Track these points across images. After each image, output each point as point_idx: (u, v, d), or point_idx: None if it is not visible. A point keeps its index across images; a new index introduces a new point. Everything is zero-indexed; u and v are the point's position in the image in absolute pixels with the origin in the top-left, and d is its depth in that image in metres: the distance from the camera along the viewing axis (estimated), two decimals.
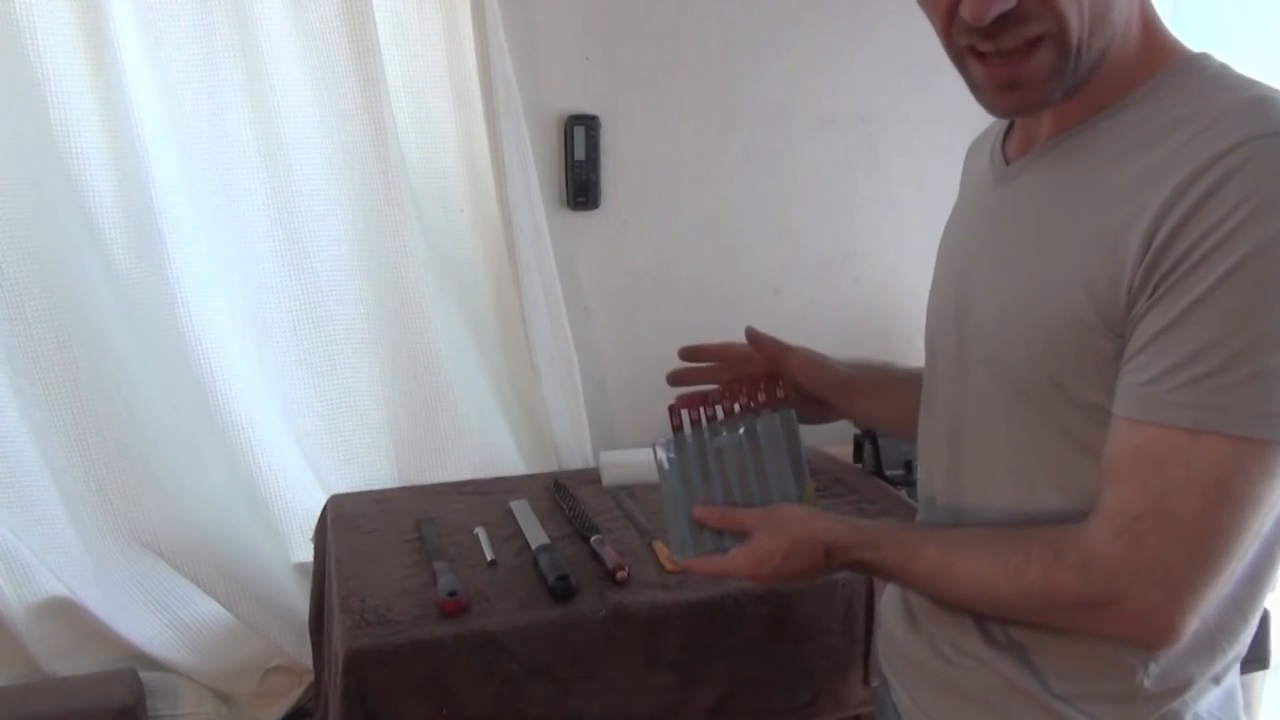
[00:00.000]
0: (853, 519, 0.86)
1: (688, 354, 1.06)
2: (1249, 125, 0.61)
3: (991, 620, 0.78)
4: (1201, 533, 0.63)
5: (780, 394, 0.95)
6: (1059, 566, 0.68)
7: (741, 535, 0.89)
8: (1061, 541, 0.68)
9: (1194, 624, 0.65)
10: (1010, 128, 0.84)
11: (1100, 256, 0.66)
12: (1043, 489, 0.74)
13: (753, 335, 1.03)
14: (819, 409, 1.03)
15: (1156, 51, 0.71)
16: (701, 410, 0.95)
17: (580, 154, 1.77)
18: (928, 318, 0.89)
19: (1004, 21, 0.66)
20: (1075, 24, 0.66)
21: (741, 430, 0.94)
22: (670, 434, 0.95)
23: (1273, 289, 0.59)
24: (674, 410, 0.96)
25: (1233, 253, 0.60)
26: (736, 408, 0.95)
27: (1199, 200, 0.61)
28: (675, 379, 1.05)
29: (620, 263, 1.88)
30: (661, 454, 0.95)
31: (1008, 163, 0.81)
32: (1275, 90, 0.65)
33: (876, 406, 1.03)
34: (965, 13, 0.66)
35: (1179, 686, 0.72)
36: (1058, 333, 0.69)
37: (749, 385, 0.96)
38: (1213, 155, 0.61)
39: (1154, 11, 0.72)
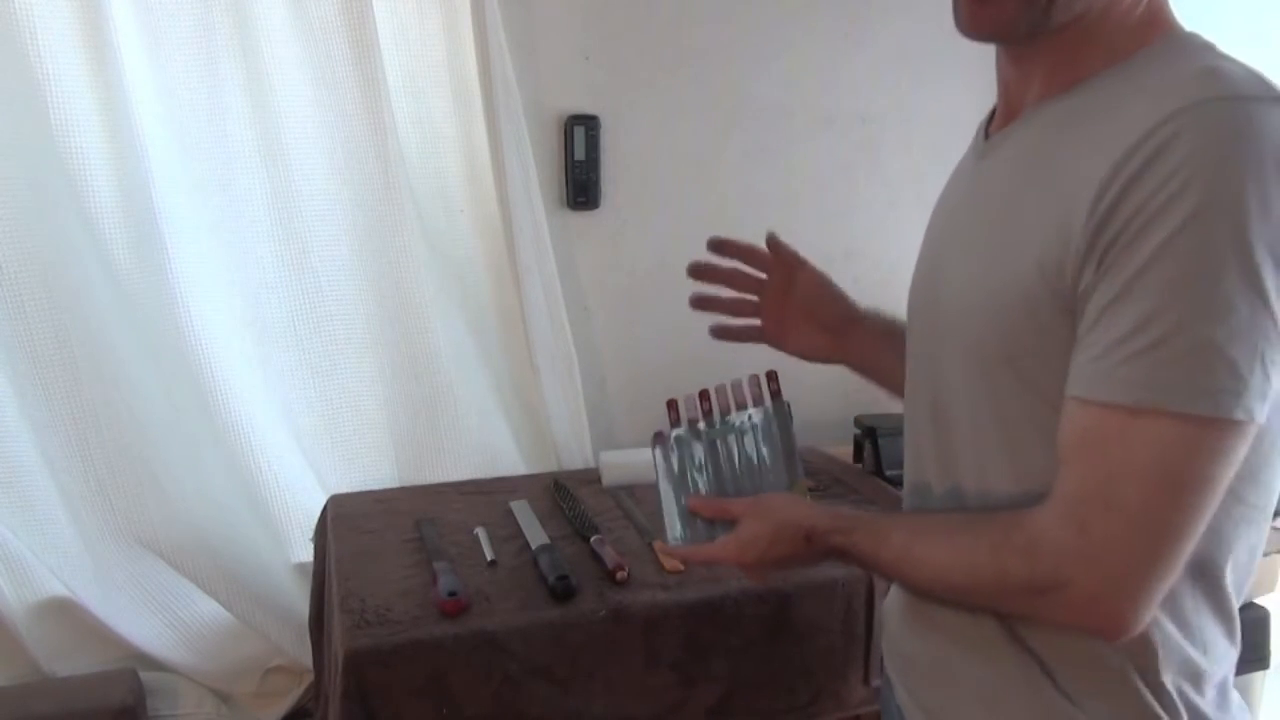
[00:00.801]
0: (835, 506, 0.87)
1: (714, 246, 1.06)
2: (1188, 93, 0.60)
3: (988, 616, 0.78)
4: (1147, 517, 0.61)
5: (774, 388, 0.99)
6: (1007, 550, 0.67)
7: (732, 525, 0.91)
8: (1012, 526, 0.68)
9: (1150, 611, 0.63)
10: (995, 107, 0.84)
11: (1049, 231, 0.66)
12: (999, 470, 0.73)
13: (772, 242, 1.05)
14: (822, 341, 1.05)
15: (1148, 28, 0.70)
16: (698, 404, 0.98)
17: (580, 154, 1.77)
18: (908, 298, 0.89)
19: None
20: None
21: (736, 424, 0.98)
22: (667, 427, 0.98)
23: (1208, 258, 0.58)
24: (671, 404, 0.98)
25: (1168, 222, 0.58)
26: (732, 403, 0.98)
27: (1137, 171, 0.60)
28: (695, 270, 1.07)
29: (620, 263, 1.88)
30: (658, 446, 0.98)
31: (988, 138, 0.81)
32: (1232, 61, 0.64)
33: (881, 350, 1.03)
34: None
35: (1170, 685, 0.71)
36: (1013, 311, 0.69)
37: (745, 380, 0.99)
38: (1153, 124, 0.60)
39: None
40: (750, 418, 0.98)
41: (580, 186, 1.79)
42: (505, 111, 1.64)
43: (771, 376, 0.99)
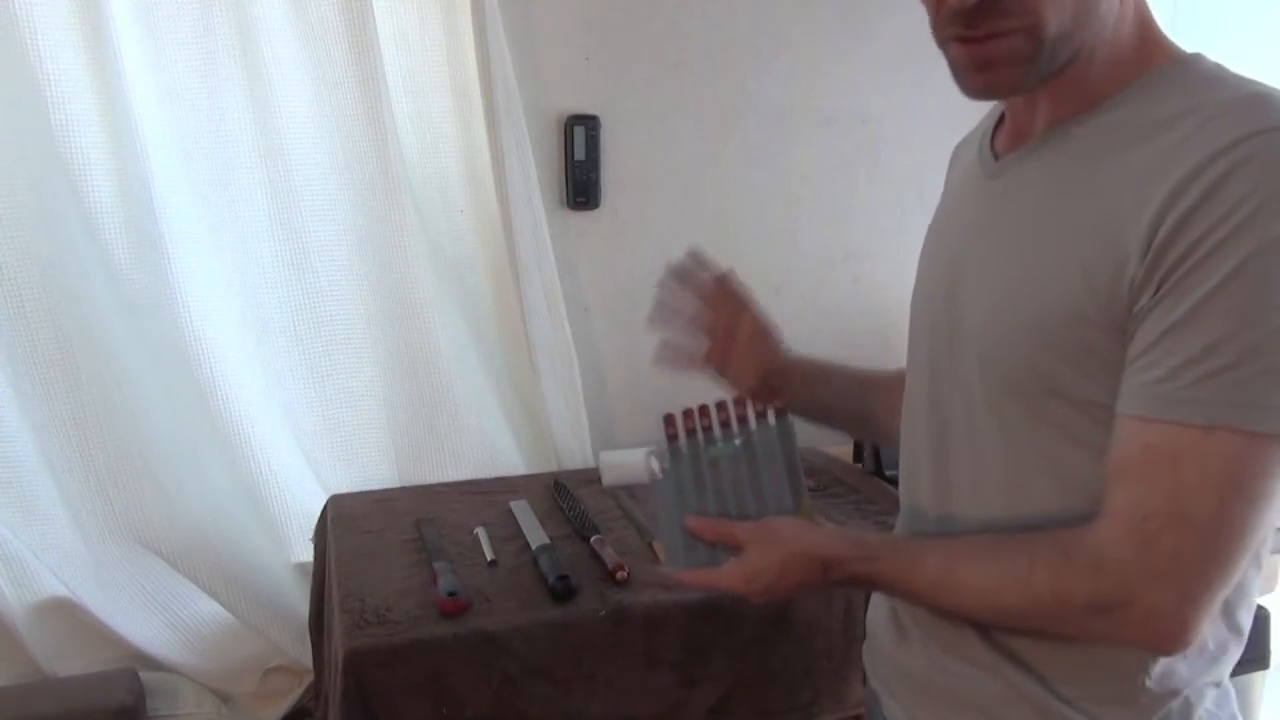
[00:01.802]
0: (849, 531, 0.85)
1: (676, 272, 1.05)
2: (1251, 120, 0.61)
3: (991, 627, 0.77)
4: (1215, 530, 0.62)
5: (778, 405, 0.93)
6: (1069, 570, 0.67)
7: (735, 549, 0.87)
8: (1070, 545, 0.67)
9: (1206, 624, 0.64)
10: (999, 125, 0.83)
11: (1100, 250, 0.66)
12: (1038, 488, 0.73)
13: (725, 279, 1.03)
14: (756, 382, 1.04)
15: (1150, 50, 0.71)
16: (698, 419, 0.93)
17: (580, 154, 1.77)
18: (911, 322, 0.87)
19: (984, 10, 0.66)
20: (1052, 22, 0.66)
21: (738, 441, 0.92)
22: (665, 443, 0.93)
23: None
24: (669, 420, 0.93)
25: (1240, 248, 0.59)
26: (734, 418, 0.93)
27: (1203, 195, 0.61)
28: (658, 316, 1.05)
29: (620, 263, 1.88)
30: (655, 464, 0.93)
31: (997, 158, 0.80)
32: (1270, 87, 0.65)
33: (811, 397, 1.03)
34: None
35: (1179, 687, 0.72)
36: (1053, 327, 0.68)
37: (746, 396, 0.94)
38: (1216, 149, 0.61)
39: (1149, 11, 0.72)
40: (753, 434, 0.92)
41: (580, 186, 1.79)
42: (505, 111, 1.64)
43: (775, 393, 0.95)
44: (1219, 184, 0.60)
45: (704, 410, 0.93)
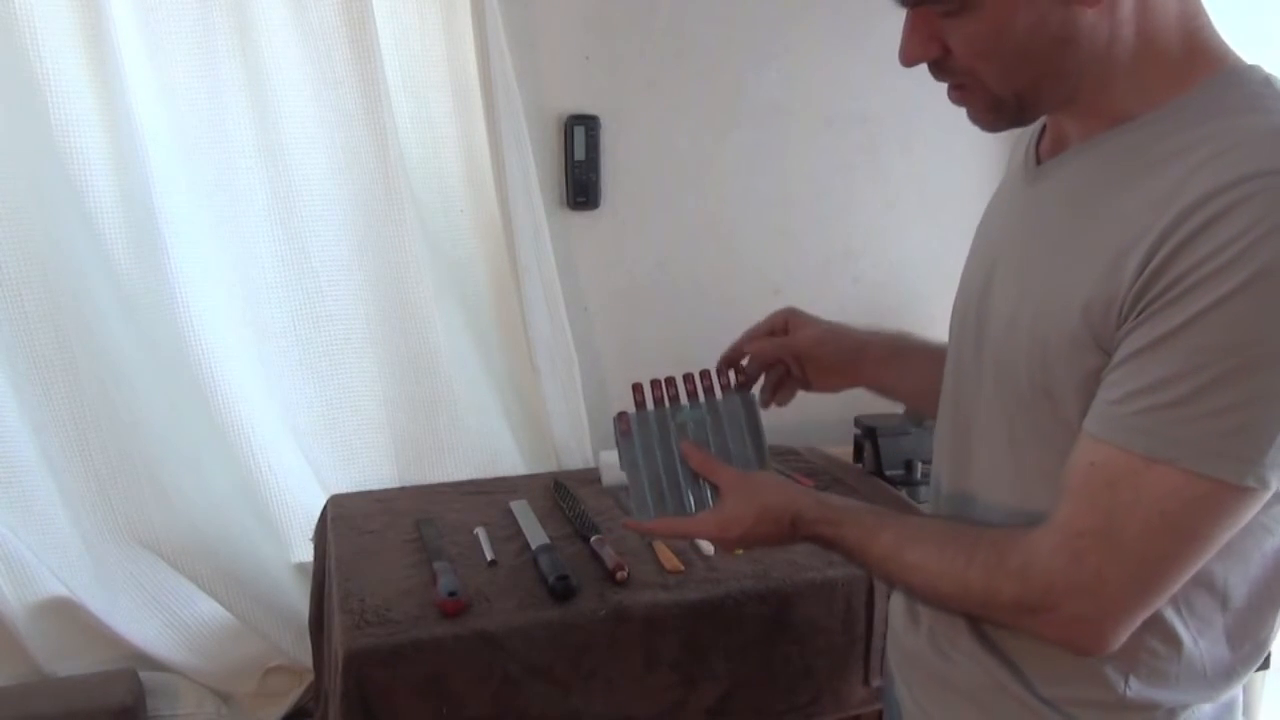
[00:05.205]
0: (818, 494, 0.88)
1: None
2: (1262, 158, 0.60)
3: (983, 621, 0.78)
4: (1141, 558, 0.64)
5: (740, 378, 0.99)
6: (1000, 571, 0.69)
7: (701, 505, 0.93)
8: (1007, 546, 0.70)
9: (1125, 636, 0.66)
10: (1045, 124, 0.83)
11: (1099, 274, 0.66)
12: (1039, 492, 0.74)
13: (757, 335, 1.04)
14: (836, 377, 1.04)
15: (1198, 60, 0.68)
16: (664, 389, 0.98)
17: (580, 154, 1.77)
18: (952, 311, 0.89)
19: (934, 67, 0.71)
20: (996, 86, 0.69)
21: (704, 408, 0.97)
22: (633, 408, 0.98)
23: (1246, 328, 0.59)
24: (637, 387, 0.98)
25: (1215, 288, 0.59)
26: (700, 389, 0.98)
27: (1198, 229, 0.60)
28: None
29: (620, 263, 1.88)
30: (621, 425, 0.97)
31: (1039, 162, 0.80)
32: None
33: (889, 374, 1.03)
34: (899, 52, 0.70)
35: (1161, 702, 0.72)
36: (1053, 348, 0.69)
37: (714, 368, 0.99)
38: (1220, 185, 0.60)
39: (1200, 19, 0.69)
40: (718, 403, 0.97)
41: (580, 186, 1.79)
42: (505, 111, 1.64)
43: (738, 367, 0.99)
44: (1213, 221, 0.59)
45: (670, 381, 0.98)
